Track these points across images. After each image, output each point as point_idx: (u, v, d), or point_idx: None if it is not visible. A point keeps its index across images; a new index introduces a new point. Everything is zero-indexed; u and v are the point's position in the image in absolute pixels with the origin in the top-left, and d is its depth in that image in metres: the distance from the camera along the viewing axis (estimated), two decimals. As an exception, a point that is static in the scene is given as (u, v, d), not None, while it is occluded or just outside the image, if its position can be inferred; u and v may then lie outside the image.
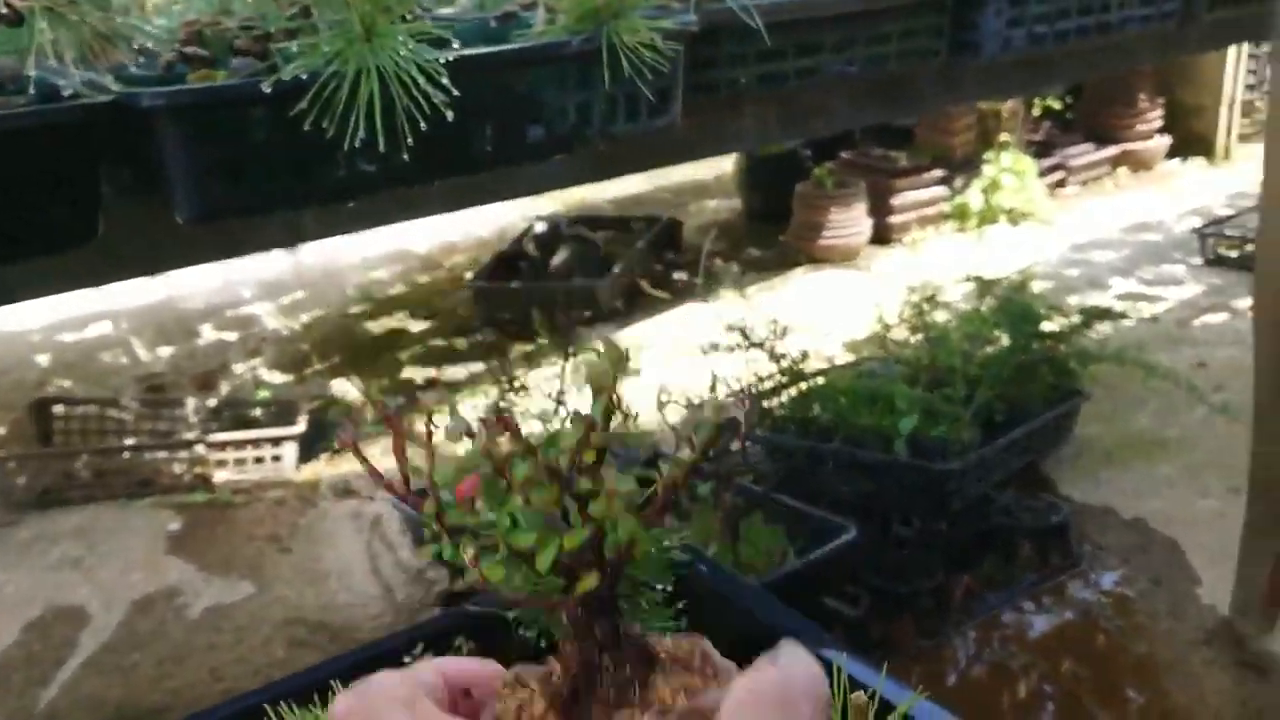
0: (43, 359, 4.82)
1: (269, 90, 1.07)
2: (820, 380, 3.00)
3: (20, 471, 3.54)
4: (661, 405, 2.12)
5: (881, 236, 5.38)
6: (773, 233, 5.68)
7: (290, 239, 1.31)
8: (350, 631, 2.72)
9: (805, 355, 2.87)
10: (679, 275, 5.33)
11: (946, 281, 3.62)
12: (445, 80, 1.11)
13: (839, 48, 1.72)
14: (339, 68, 1.08)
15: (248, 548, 3.22)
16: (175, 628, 2.80)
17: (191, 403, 4.06)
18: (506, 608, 1.12)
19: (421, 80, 1.09)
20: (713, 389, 2.27)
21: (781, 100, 1.85)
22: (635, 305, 4.97)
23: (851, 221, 5.17)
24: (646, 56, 1.31)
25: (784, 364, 2.90)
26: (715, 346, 2.98)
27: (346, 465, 3.81)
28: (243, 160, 1.16)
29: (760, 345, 2.90)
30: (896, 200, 5.37)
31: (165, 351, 4.91)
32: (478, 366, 4.61)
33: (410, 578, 2.96)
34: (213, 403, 4.12)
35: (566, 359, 2.77)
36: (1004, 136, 5.53)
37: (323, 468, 3.79)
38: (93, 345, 4.97)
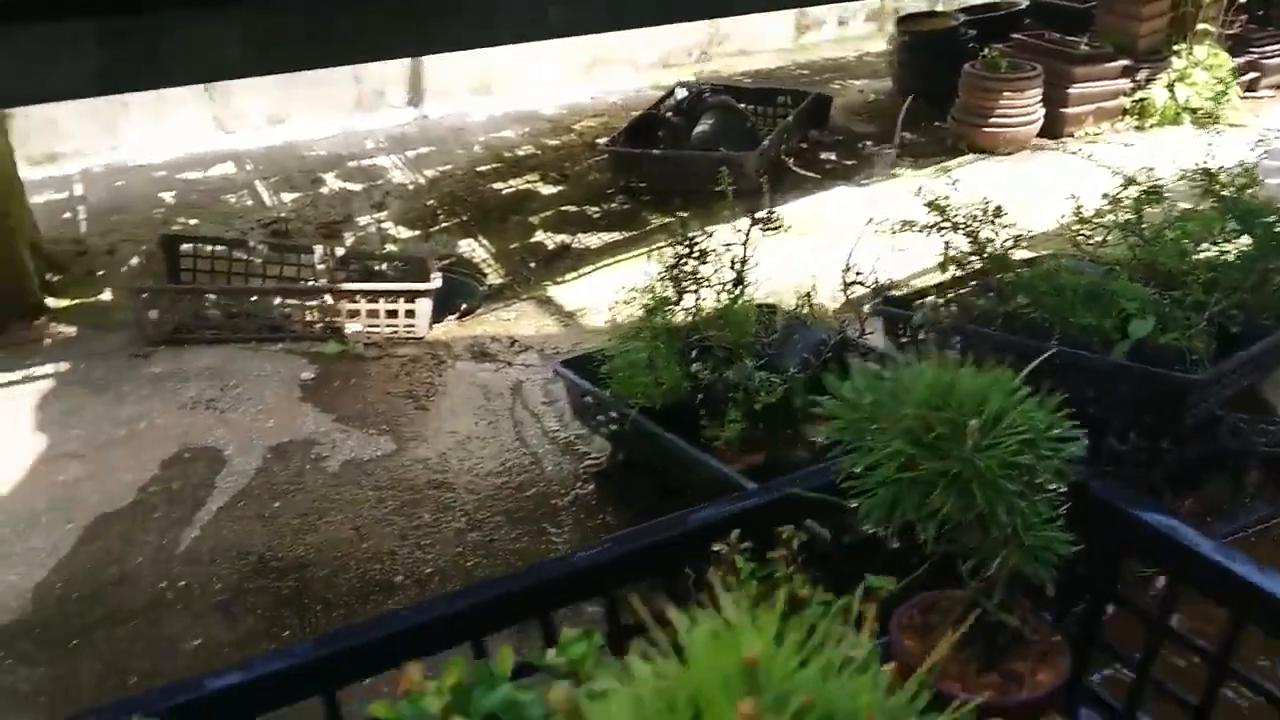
0: (167, 196, 4.69)
1: None
2: (1027, 272, 2.68)
3: (153, 305, 3.42)
4: (846, 286, 1.79)
5: (1052, 129, 4.93)
6: (928, 117, 5.25)
7: (608, 23, 1.06)
8: (497, 502, 2.55)
9: (1016, 241, 2.54)
10: (826, 155, 4.96)
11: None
12: None
13: None
14: None
15: (383, 403, 3.06)
16: (314, 479, 2.66)
17: (319, 250, 3.89)
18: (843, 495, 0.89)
19: None
20: (944, 267, 1.95)
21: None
22: (780, 183, 4.63)
23: (1024, 109, 4.73)
24: None
25: (989, 250, 2.58)
26: (909, 224, 2.67)
27: (479, 328, 3.62)
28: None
29: (962, 228, 2.59)
30: (1073, 90, 4.89)
31: (289, 197, 4.74)
32: (611, 235, 4.36)
33: (559, 449, 2.77)
34: (340, 252, 3.94)
35: (754, 222, 2.49)
36: (1202, 26, 4.97)
37: (454, 329, 3.61)
38: (216, 186, 4.82)
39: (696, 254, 2.44)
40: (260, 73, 1.00)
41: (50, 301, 3.66)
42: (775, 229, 2.52)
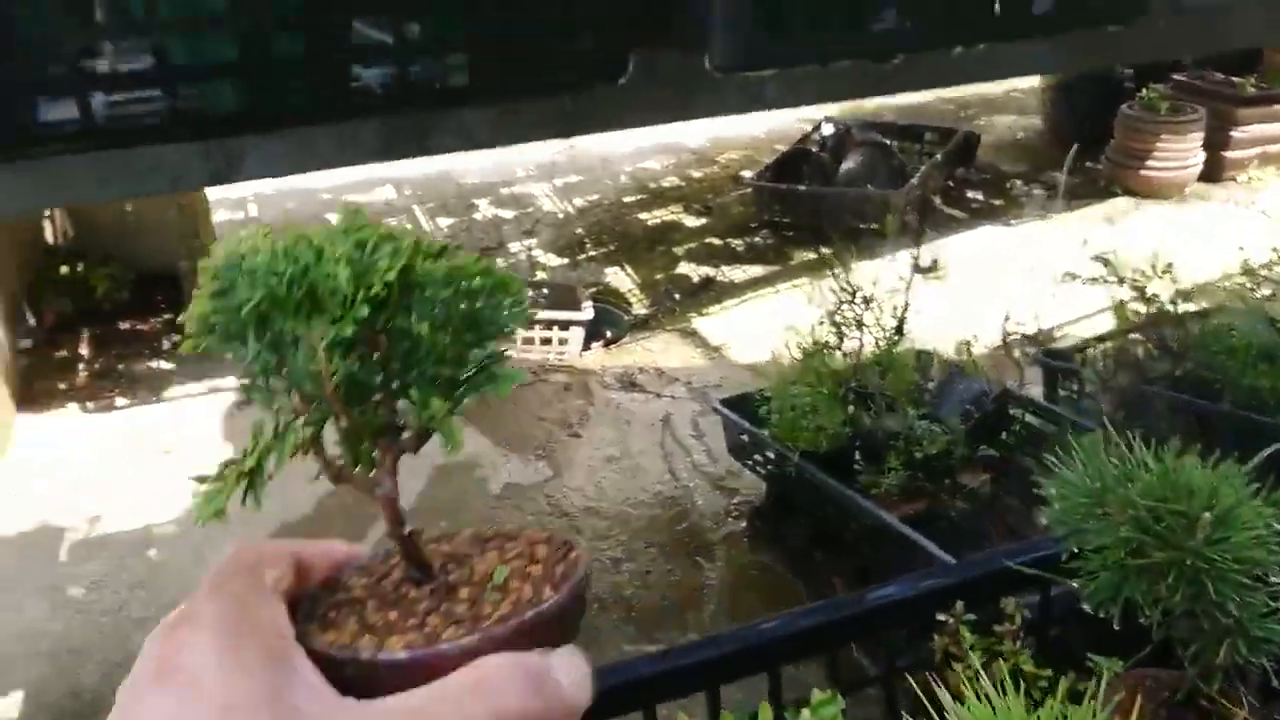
0: (334, 218, 4.95)
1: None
2: (1198, 329, 2.63)
3: (324, 325, 3.62)
4: (1006, 338, 1.80)
5: (1212, 173, 4.79)
6: (1081, 157, 5.16)
7: (819, 97, 1.14)
8: (651, 533, 2.63)
9: (1185, 298, 2.51)
10: (974, 194, 4.93)
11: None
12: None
13: None
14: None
15: (538, 429, 3.18)
16: (477, 500, 2.79)
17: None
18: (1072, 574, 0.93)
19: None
20: (1118, 322, 1.95)
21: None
22: (927, 221, 4.62)
23: (1183, 153, 4.61)
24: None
25: (1156, 306, 2.55)
26: (1074, 276, 2.66)
27: (628, 357, 3.72)
28: (787, 8, 0.97)
29: (1129, 281, 2.56)
30: (1237, 133, 4.74)
31: (445, 222, 4.96)
32: (755, 269, 4.43)
33: (709, 483, 2.84)
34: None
35: (917, 269, 2.52)
36: (1383, 68, 4.77)
37: (603, 357, 3.72)
38: (378, 209, 5.07)
39: (860, 300, 2.48)
40: (504, 144, 1.12)
41: (230, 317, 3.91)
42: (938, 277, 2.53)
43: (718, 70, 1.00)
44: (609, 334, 3.94)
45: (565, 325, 3.64)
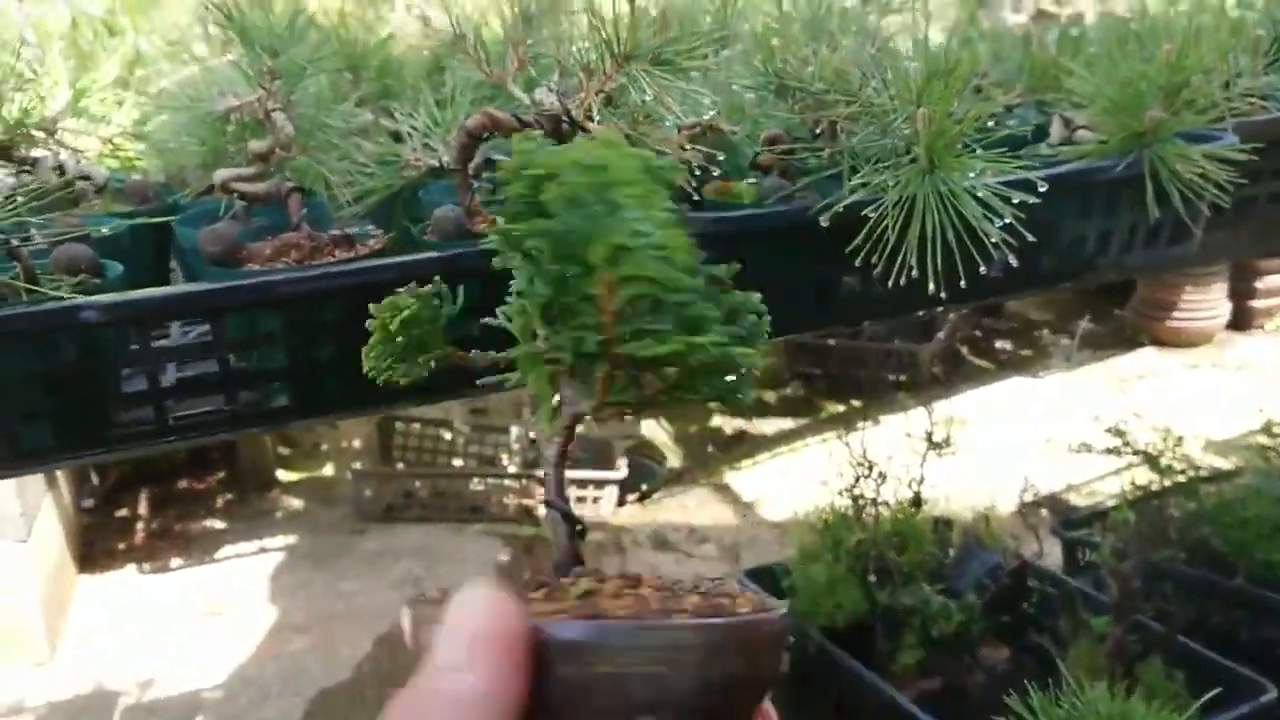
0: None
1: (826, 222, 1.02)
2: (1212, 497, 2.68)
3: (366, 485, 3.78)
4: (1025, 508, 1.89)
5: (1239, 322, 4.86)
6: (1107, 304, 5.27)
7: None
8: (680, 700, 2.68)
9: (1200, 471, 2.57)
10: (1001, 344, 5.03)
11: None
12: (1008, 213, 1.01)
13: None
14: (900, 195, 1.01)
15: (571, 590, 3.26)
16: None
17: (515, 431, 4.21)
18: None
19: (979, 213, 1.01)
20: (1122, 507, 2.02)
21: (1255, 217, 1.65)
22: (955, 373, 4.73)
23: (1208, 304, 4.70)
24: (1193, 183, 1.17)
25: (1174, 478, 2.61)
26: (1088, 448, 2.74)
27: (661, 515, 3.82)
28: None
29: (1145, 454, 2.63)
30: (1261, 283, 4.83)
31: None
32: (786, 422, 4.54)
33: (737, 649, 2.89)
34: (533, 433, 4.26)
35: (931, 446, 2.61)
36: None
37: (636, 513, 3.82)
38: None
39: (876, 475, 2.58)
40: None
41: (280, 474, 4.09)
42: (951, 453, 2.63)
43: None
44: (644, 488, 4.05)
45: (600, 484, 3.76)
